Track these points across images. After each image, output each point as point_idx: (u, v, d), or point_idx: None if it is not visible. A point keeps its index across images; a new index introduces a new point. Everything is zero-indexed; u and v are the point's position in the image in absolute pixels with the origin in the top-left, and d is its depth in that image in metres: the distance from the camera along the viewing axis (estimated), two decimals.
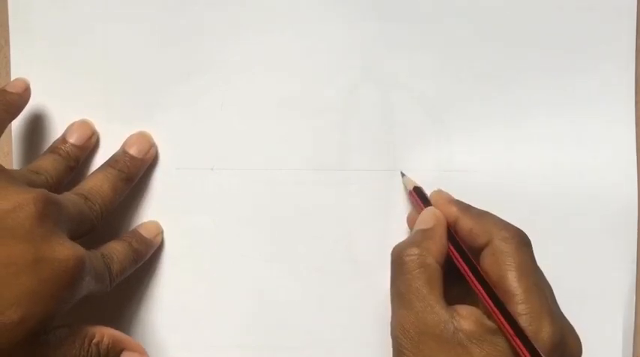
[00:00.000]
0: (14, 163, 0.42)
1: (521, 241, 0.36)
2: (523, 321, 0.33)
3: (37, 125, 0.42)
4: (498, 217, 0.37)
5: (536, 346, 0.32)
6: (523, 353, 0.32)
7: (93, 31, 0.42)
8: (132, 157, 0.41)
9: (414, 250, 0.36)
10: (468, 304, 0.35)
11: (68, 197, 0.37)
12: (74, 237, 0.36)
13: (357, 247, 0.42)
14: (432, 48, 0.42)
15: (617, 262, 0.42)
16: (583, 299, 0.42)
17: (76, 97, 0.42)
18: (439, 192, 0.40)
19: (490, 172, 0.42)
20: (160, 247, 0.42)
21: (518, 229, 0.36)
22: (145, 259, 0.41)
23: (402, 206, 0.42)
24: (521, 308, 0.33)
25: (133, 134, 0.42)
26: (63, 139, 0.41)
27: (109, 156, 0.41)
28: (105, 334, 0.36)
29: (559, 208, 0.42)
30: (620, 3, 0.41)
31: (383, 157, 0.42)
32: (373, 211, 0.42)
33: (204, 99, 0.42)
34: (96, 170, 0.40)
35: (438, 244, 0.36)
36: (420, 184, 0.41)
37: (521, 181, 0.42)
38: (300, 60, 0.42)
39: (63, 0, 0.42)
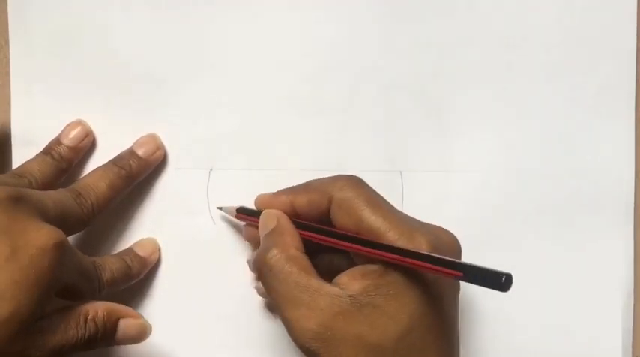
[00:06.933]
0: (14, 164, 0.42)
1: (357, 183, 0.36)
2: (401, 244, 0.32)
3: (36, 125, 0.42)
4: (320, 179, 0.37)
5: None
6: (423, 266, 0.31)
7: (93, 31, 0.42)
8: (138, 158, 0.41)
9: (274, 251, 0.35)
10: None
11: (50, 195, 0.37)
12: None
13: None
14: (432, 48, 0.42)
15: (616, 262, 0.42)
16: (582, 299, 0.42)
17: (75, 98, 0.42)
18: (260, 195, 0.39)
19: (490, 172, 0.42)
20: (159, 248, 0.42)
21: (346, 175, 0.36)
22: (140, 277, 0.41)
23: (401, 207, 0.42)
24: (392, 235, 0.33)
25: (143, 136, 0.42)
26: (57, 141, 0.41)
27: (108, 156, 0.41)
28: (99, 308, 0.36)
29: (558, 208, 0.42)
30: (621, 3, 0.41)
31: (383, 157, 0.42)
32: None
33: (204, 99, 0.42)
34: (98, 167, 0.41)
35: (290, 235, 0.36)
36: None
37: (520, 181, 0.42)
38: (300, 60, 0.42)
39: (62, 0, 0.42)
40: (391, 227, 0.33)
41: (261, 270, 0.35)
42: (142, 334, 0.37)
